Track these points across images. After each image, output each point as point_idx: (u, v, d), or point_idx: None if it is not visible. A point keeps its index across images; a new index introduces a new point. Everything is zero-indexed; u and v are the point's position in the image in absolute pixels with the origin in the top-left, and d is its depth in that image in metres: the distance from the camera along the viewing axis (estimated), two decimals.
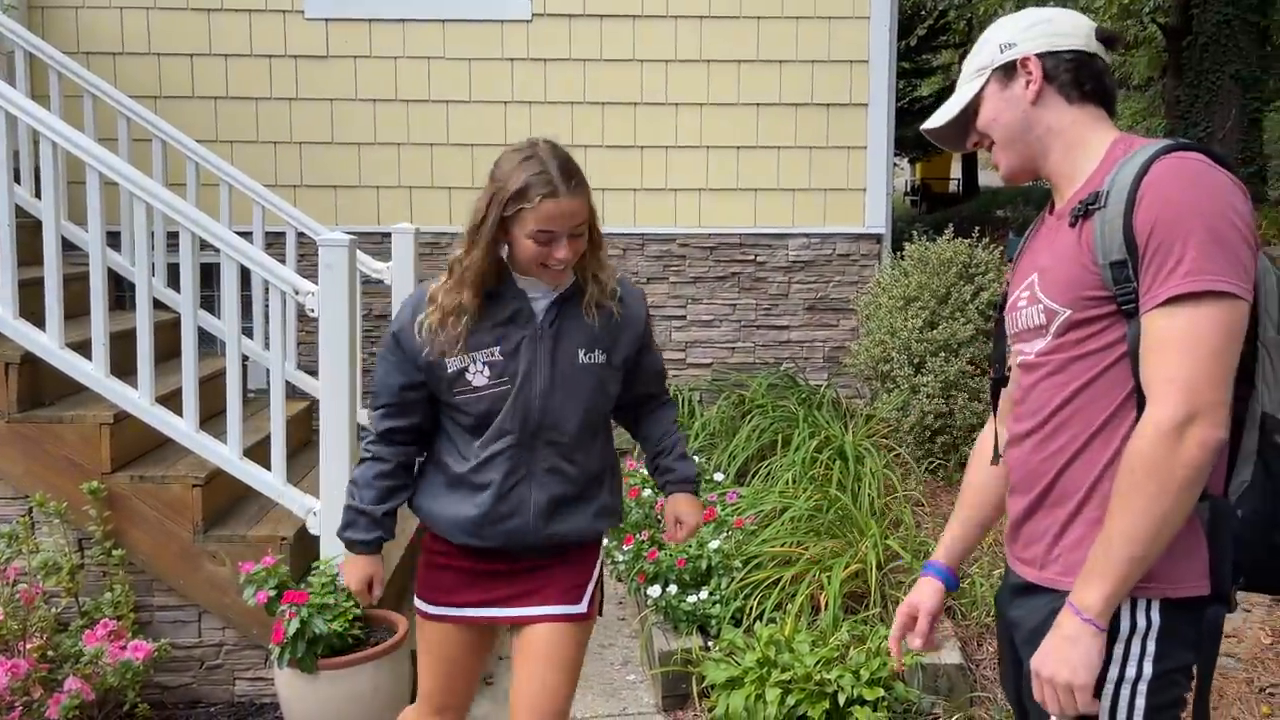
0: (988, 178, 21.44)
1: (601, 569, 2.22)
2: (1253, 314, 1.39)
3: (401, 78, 5.26)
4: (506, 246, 1.92)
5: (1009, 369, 1.68)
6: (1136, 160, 1.42)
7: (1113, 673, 1.43)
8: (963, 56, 17.79)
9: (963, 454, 4.56)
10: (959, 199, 18.59)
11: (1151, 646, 1.42)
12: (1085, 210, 1.46)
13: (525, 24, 5.24)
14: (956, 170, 19.50)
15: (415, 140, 5.29)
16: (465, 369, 1.95)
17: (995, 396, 1.77)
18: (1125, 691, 1.43)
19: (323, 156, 5.28)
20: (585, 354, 1.99)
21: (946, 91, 16.49)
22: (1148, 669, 1.42)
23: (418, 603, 2.14)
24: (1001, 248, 5.32)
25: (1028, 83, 1.54)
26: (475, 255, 1.90)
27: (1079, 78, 1.53)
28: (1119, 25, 14.70)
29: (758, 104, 5.32)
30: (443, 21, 5.21)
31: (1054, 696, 1.42)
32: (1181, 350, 1.34)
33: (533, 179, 1.83)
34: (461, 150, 5.30)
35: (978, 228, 5.26)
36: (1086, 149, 1.53)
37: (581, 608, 2.10)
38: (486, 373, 1.95)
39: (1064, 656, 1.39)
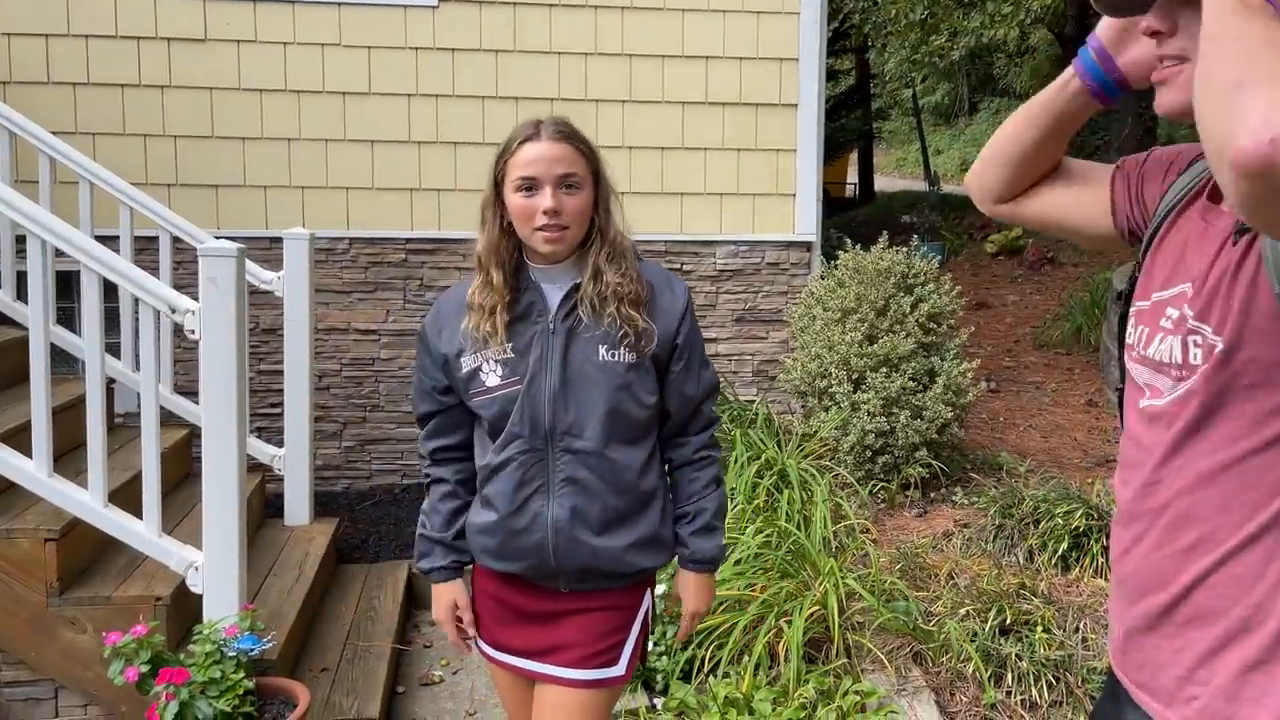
0: (883, 183, 21.75)
1: (648, 620, 1.94)
2: None
3: (292, 66, 4.74)
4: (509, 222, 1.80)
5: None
6: None
7: None
8: (864, 62, 17.95)
9: (905, 475, 4.33)
10: (855, 204, 18.74)
11: None
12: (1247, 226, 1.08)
13: (431, 10, 4.79)
14: (853, 175, 19.68)
15: (308, 135, 4.78)
16: (479, 368, 1.82)
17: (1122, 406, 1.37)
18: None
19: (201, 152, 4.72)
20: (608, 351, 1.78)
21: (852, 93, 16.58)
22: None
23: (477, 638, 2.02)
24: (938, 257, 5.14)
25: None
26: (486, 232, 1.83)
27: None
28: (1004, 31, 14.94)
29: (683, 102, 5.00)
30: (339, 4, 4.72)
31: None
32: None
33: (516, 130, 1.78)
34: (360, 147, 4.81)
35: (885, 232, 5.06)
36: None
37: (613, 671, 1.87)
38: (499, 372, 1.80)
39: None
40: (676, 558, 1.95)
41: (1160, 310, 1.22)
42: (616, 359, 1.78)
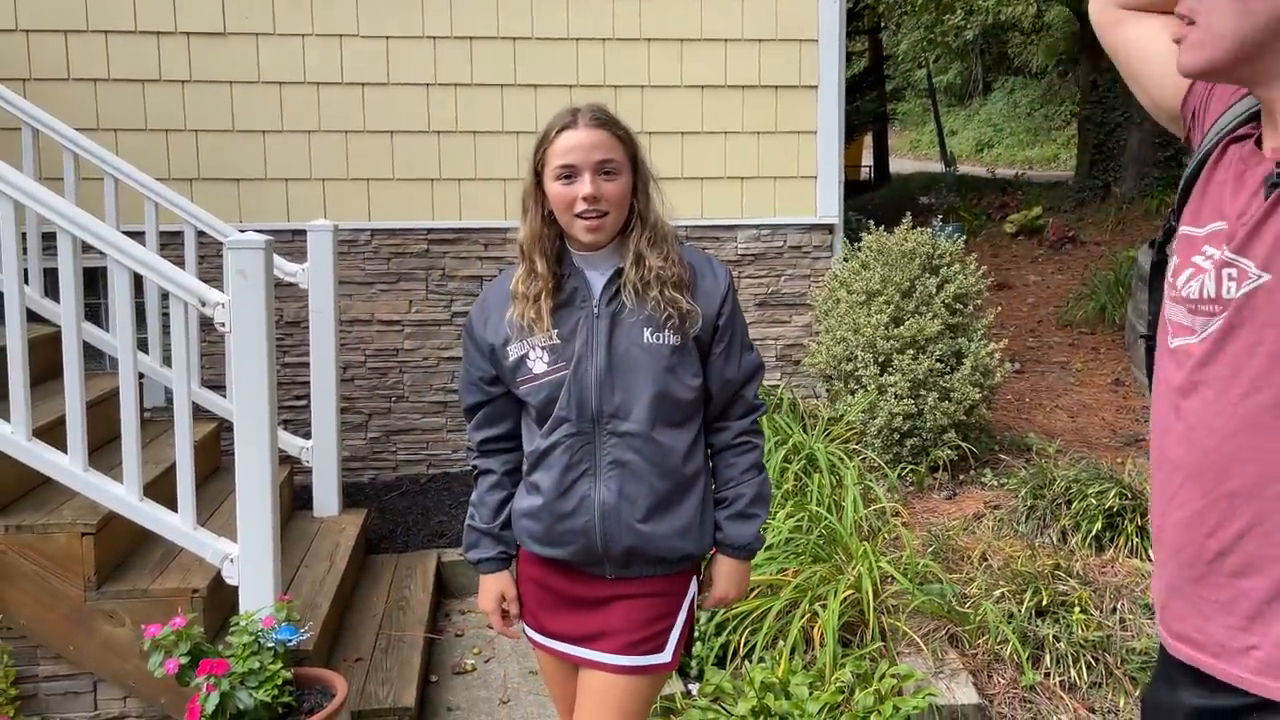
0: (898, 164, 21.63)
1: (693, 607, 1.94)
2: None
3: (311, 57, 4.73)
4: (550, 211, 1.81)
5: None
6: None
7: None
8: (877, 43, 17.81)
9: (934, 457, 4.30)
10: (871, 186, 18.62)
11: None
12: None
13: None
14: (868, 158, 19.55)
15: (328, 127, 4.77)
16: (525, 355, 1.82)
17: (1149, 363, 1.36)
18: None
19: (223, 146, 4.72)
20: (653, 334, 1.79)
21: (865, 75, 16.45)
22: None
23: (522, 623, 2.02)
24: (962, 237, 5.09)
25: None
26: (528, 221, 1.82)
27: None
28: (1021, 8, 14.79)
29: (702, 86, 4.96)
30: None
31: None
32: None
33: (554, 119, 1.78)
34: (380, 137, 4.80)
35: (908, 213, 5.01)
36: None
37: (660, 657, 1.87)
38: (546, 358, 1.81)
39: None
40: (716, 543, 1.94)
41: (1196, 246, 1.22)
42: (662, 341, 1.78)
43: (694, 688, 2.99)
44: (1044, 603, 3.10)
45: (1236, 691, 1.16)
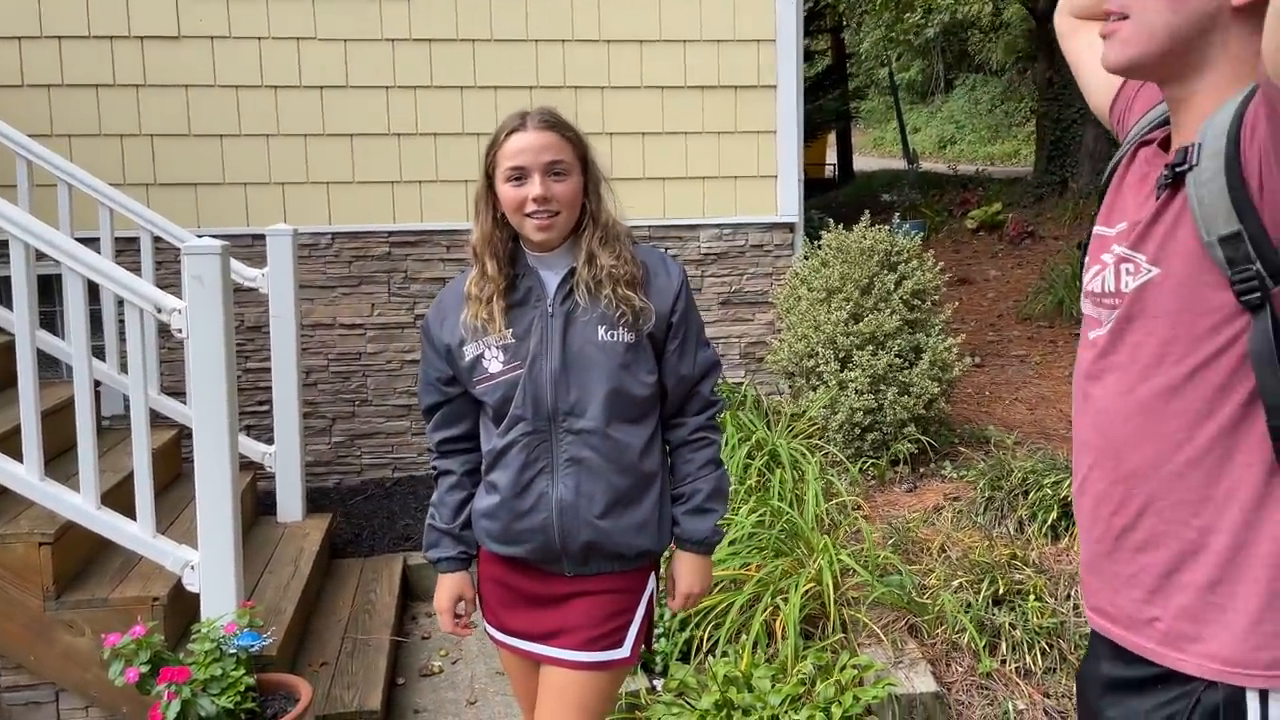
0: (862, 162, 21.79)
1: (652, 602, 1.96)
2: None
3: (268, 61, 4.70)
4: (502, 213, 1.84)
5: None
6: (1235, 100, 1.10)
7: None
8: (839, 42, 17.94)
9: (894, 451, 4.36)
10: (835, 184, 18.75)
11: None
12: (1173, 175, 1.14)
13: (405, 1, 4.76)
14: (832, 156, 19.68)
15: (287, 131, 4.75)
16: (481, 355, 1.85)
17: None
18: None
19: (179, 151, 4.68)
20: (607, 331, 1.82)
21: (828, 74, 16.54)
22: None
23: (484, 622, 2.04)
24: (920, 234, 5.16)
25: None
26: (480, 224, 1.85)
27: None
28: (978, 6, 14.95)
29: (662, 87, 4.99)
30: None
31: None
32: None
33: (504, 122, 1.81)
34: (340, 141, 4.79)
35: (867, 211, 5.06)
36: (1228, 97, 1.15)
37: (619, 653, 1.90)
38: (501, 357, 1.83)
39: None
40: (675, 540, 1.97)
41: (1105, 244, 1.28)
42: (616, 339, 1.81)
43: (658, 683, 3.02)
44: (1001, 591, 3.16)
45: (1146, 663, 1.22)
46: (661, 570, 2.06)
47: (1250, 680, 1.14)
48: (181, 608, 2.97)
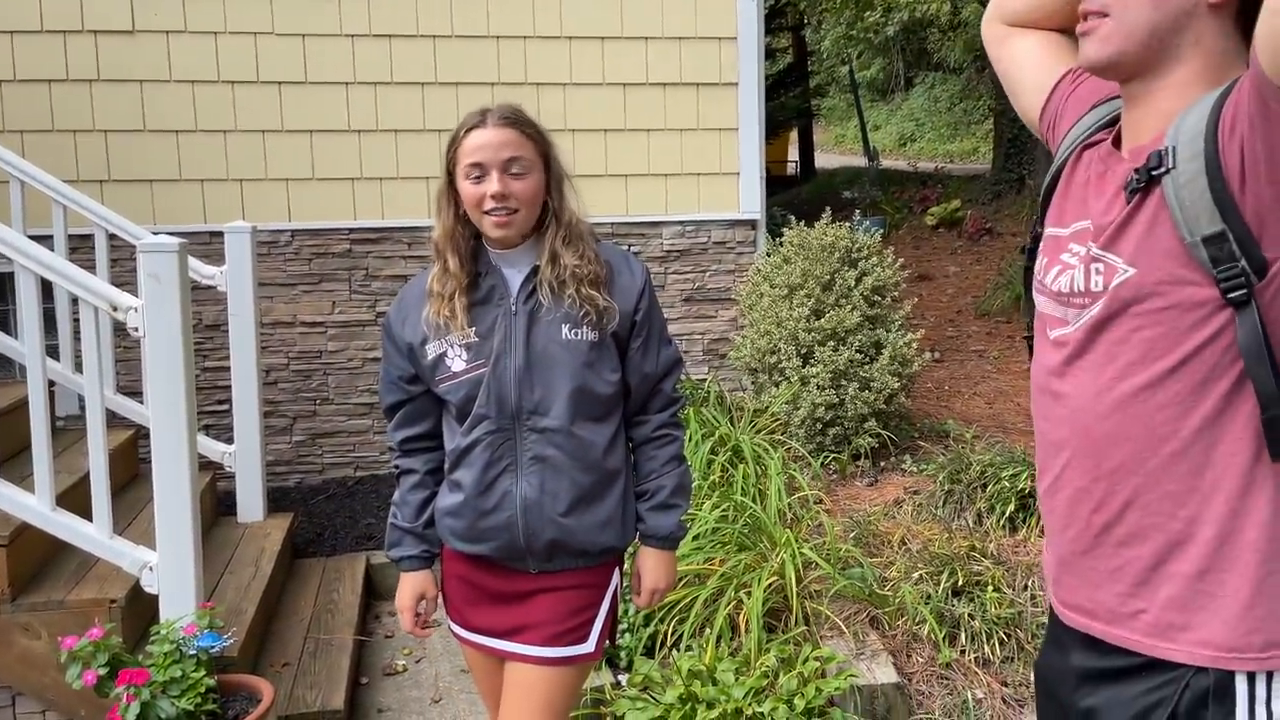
0: (823, 160, 21.91)
1: (616, 598, 1.97)
2: None
3: (224, 56, 4.65)
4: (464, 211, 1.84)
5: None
6: (1206, 101, 1.13)
7: None
8: (800, 40, 18.02)
9: (855, 445, 4.41)
10: (797, 181, 18.85)
11: None
12: (1147, 178, 1.16)
13: None
14: (794, 153, 19.78)
15: (244, 127, 4.69)
16: (444, 353, 1.84)
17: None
18: None
19: (134, 147, 4.61)
20: (571, 330, 1.82)
21: (789, 72, 16.60)
22: None
23: (448, 620, 2.04)
24: (880, 231, 5.20)
25: None
26: (442, 220, 1.84)
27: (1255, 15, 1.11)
28: (936, 5, 15.06)
29: (624, 84, 5.00)
30: None
31: None
32: None
33: (464, 119, 1.81)
34: (299, 137, 4.74)
35: (828, 208, 5.10)
36: (1198, 95, 1.17)
37: (583, 648, 1.89)
38: (464, 356, 1.82)
39: None
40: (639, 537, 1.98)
41: (1062, 245, 1.29)
42: (580, 338, 1.81)
43: (623, 678, 3.03)
44: (960, 583, 3.21)
45: (1127, 653, 1.24)
46: (626, 566, 2.07)
47: (1243, 664, 1.16)
48: (140, 609, 2.93)
